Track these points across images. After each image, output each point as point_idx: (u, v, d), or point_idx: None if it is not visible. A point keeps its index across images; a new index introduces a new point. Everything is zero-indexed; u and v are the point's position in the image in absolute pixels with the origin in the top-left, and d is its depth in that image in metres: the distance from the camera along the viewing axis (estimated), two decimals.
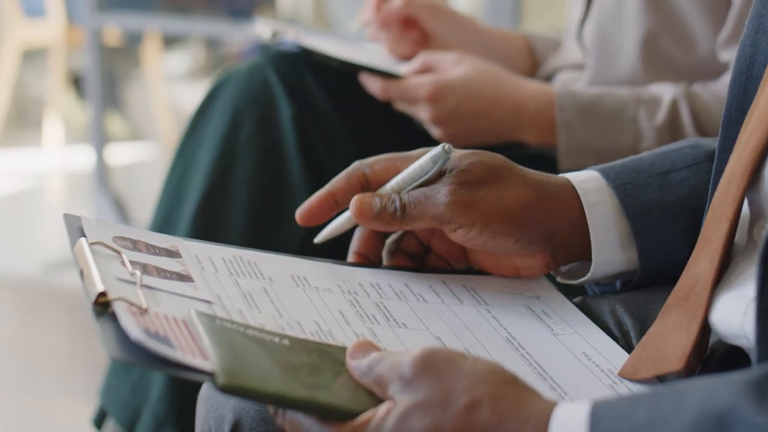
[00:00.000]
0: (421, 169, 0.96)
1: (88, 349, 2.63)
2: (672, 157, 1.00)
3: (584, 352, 0.91)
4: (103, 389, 1.57)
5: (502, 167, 0.97)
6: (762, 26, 0.89)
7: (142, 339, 0.73)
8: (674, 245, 0.96)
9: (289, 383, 0.75)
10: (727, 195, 0.84)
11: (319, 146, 1.49)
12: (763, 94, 0.84)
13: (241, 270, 0.93)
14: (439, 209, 0.95)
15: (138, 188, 3.92)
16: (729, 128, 0.90)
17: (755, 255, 0.84)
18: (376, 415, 0.73)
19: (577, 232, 0.97)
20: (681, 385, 0.69)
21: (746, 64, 0.89)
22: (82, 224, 0.91)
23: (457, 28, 1.60)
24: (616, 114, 1.41)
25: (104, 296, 0.78)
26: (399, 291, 0.96)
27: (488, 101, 1.43)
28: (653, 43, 1.45)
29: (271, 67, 1.51)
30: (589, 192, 0.97)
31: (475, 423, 0.71)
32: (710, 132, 1.39)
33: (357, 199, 0.97)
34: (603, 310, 0.97)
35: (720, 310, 0.85)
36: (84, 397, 2.33)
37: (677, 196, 0.98)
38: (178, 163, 1.58)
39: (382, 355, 0.77)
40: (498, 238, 0.96)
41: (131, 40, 4.79)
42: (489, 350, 0.89)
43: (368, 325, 0.89)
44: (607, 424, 0.68)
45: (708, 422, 0.64)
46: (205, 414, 0.91)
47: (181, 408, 1.46)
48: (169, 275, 0.87)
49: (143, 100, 5.10)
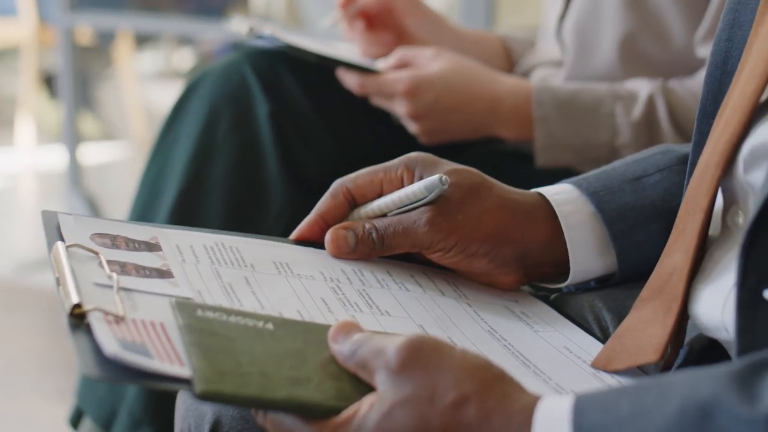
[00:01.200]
0: (414, 195, 0.95)
1: (62, 349, 2.61)
2: (643, 164, 1.01)
3: (565, 346, 0.91)
4: (80, 388, 1.56)
5: (481, 186, 0.97)
6: (737, 21, 0.89)
7: (118, 352, 0.72)
8: (651, 247, 0.97)
9: (268, 383, 0.74)
10: (701, 186, 0.85)
11: (296, 143, 1.48)
12: (737, 86, 0.85)
13: (223, 258, 0.92)
14: (419, 238, 0.95)
15: (111, 188, 3.90)
16: (704, 122, 0.90)
17: (730, 243, 0.85)
18: (360, 411, 0.72)
19: (551, 252, 0.98)
20: (664, 378, 0.69)
21: (721, 59, 0.89)
22: (59, 222, 0.90)
23: (433, 26, 1.60)
24: (593, 110, 1.42)
25: (79, 308, 0.77)
26: (381, 279, 0.96)
27: (465, 96, 1.43)
28: (631, 42, 1.46)
29: (247, 64, 1.51)
30: (563, 203, 0.98)
31: (461, 419, 0.70)
32: (686, 127, 1.39)
33: (332, 236, 0.97)
34: (582, 306, 0.98)
35: (700, 302, 0.85)
36: (59, 397, 2.32)
37: (652, 199, 0.98)
38: (155, 160, 1.57)
39: (364, 337, 0.76)
40: (472, 258, 0.96)
41: (103, 39, 4.77)
42: (472, 340, 0.89)
43: (351, 312, 0.88)
44: (591, 417, 0.68)
45: (691, 414, 0.64)
46: (185, 413, 0.90)
47: (158, 406, 1.45)
48: (149, 272, 0.86)
49: (115, 99, 5.08)
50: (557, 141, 1.42)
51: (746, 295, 0.74)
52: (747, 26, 0.88)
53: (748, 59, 0.84)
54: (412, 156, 0.98)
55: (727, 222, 0.86)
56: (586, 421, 0.68)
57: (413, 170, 0.97)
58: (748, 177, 0.82)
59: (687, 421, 0.64)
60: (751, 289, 0.73)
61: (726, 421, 0.63)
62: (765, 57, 0.81)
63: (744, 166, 0.82)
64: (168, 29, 4.24)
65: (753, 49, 0.84)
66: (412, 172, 0.97)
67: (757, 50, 0.83)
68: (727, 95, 0.86)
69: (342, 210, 0.99)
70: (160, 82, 5.71)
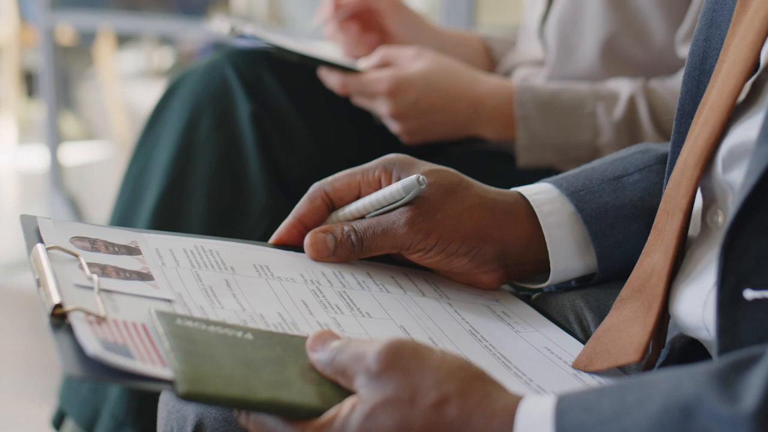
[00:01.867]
0: (391, 196, 0.95)
1: (44, 350, 2.61)
2: (623, 163, 1.01)
3: (546, 347, 0.91)
4: (62, 389, 1.55)
5: (459, 186, 0.97)
6: (714, 21, 0.89)
7: (99, 353, 0.71)
8: (631, 246, 0.97)
9: (250, 385, 0.74)
10: (680, 186, 0.85)
11: (277, 143, 1.48)
12: (714, 86, 0.85)
13: (203, 261, 0.92)
14: (398, 239, 0.95)
15: (92, 188, 3.89)
16: (682, 122, 0.90)
17: (710, 242, 0.85)
18: (341, 412, 0.72)
19: (531, 251, 0.98)
20: (646, 377, 0.69)
21: (699, 59, 0.90)
22: (39, 226, 0.90)
23: (415, 27, 1.60)
24: (575, 109, 1.42)
25: (60, 308, 0.76)
26: (362, 281, 0.95)
27: (447, 96, 1.43)
28: (613, 42, 1.46)
29: (229, 64, 1.51)
30: (543, 202, 0.98)
31: (443, 420, 0.70)
32: (667, 127, 1.40)
33: (311, 239, 0.96)
34: (563, 306, 0.98)
35: (681, 301, 0.85)
36: (40, 398, 2.31)
37: (631, 199, 0.99)
38: (136, 160, 1.57)
39: (342, 344, 0.76)
40: (452, 258, 0.97)
41: (84, 39, 4.76)
42: (453, 340, 0.89)
43: (332, 314, 0.88)
44: (573, 417, 0.68)
45: (672, 413, 0.65)
46: (167, 415, 0.90)
47: (141, 407, 1.45)
48: (129, 275, 0.86)
49: (96, 99, 5.07)
50: (539, 141, 1.43)
51: (726, 296, 0.74)
52: (724, 26, 0.88)
53: (725, 59, 0.84)
54: (389, 157, 0.98)
55: (707, 221, 0.86)
56: (568, 421, 0.68)
57: (390, 171, 0.97)
58: (726, 176, 0.82)
59: (669, 420, 0.64)
60: (732, 290, 0.73)
61: (708, 421, 0.63)
62: (742, 57, 0.81)
63: (723, 166, 0.82)
64: (149, 29, 4.23)
65: (730, 49, 0.84)
66: (389, 173, 0.97)
67: (734, 50, 0.83)
68: (705, 95, 0.86)
69: (320, 213, 0.98)
70: (141, 81, 5.70)
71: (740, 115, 0.82)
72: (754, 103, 0.81)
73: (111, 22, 3.81)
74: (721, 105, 0.81)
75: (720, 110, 0.81)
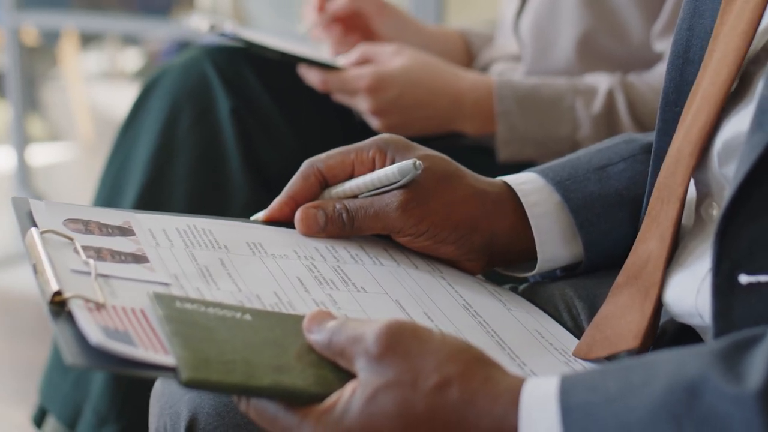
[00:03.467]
0: (386, 178, 0.95)
1: (19, 351, 2.59)
2: (608, 153, 1.03)
3: (537, 330, 0.92)
4: (43, 386, 1.55)
5: (453, 175, 0.97)
6: (698, 10, 0.91)
7: (102, 341, 0.71)
8: (617, 235, 0.99)
9: (252, 370, 0.74)
10: (675, 175, 0.86)
11: (258, 139, 1.49)
12: (706, 74, 0.86)
13: (197, 240, 0.91)
14: (390, 221, 0.95)
15: (59, 189, 3.87)
16: (666, 110, 0.92)
17: (704, 234, 0.86)
18: (342, 397, 0.73)
19: (517, 241, 0.99)
20: (649, 358, 0.70)
21: (683, 48, 0.91)
22: (31, 208, 0.89)
23: (399, 25, 1.61)
24: (554, 104, 1.44)
25: (59, 295, 0.76)
26: (354, 254, 0.95)
27: (427, 92, 1.44)
28: (590, 38, 1.48)
29: (208, 60, 1.51)
30: (529, 193, 0.99)
31: (445, 402, 0.71)
32: (645, 120, 1.42)
33: (302, 214, 0.96)
34: (553, 295, 0.99)
35: (672, 288, 0.86)
36: (16, 400, 2.30)
37: (617, 188, 1.00)
38: (115, 157, 1.56)
39: (338, 325, 0.76)
40: (441, 244, 0.97)
41: (48, 39, 4.73)
42: (448, 316, 0.89)
43: (327, 291, 0.88)
44: (578, 396, 0.69)
45: (678, 392, 0.65)
46: (159, 411, 0.89)
47: (124, 403, 1.45)
48: (124, 258, 0.85)
49: (61, 100, 5.03)
50: (519, 135, 1.44)
51: (722, 281, 0.75)
52: (708, 15, 0.89)
53: (715, 48, 0.86)
54: (384, 137, 0.97)
55: (701, 214, 0.87)
56: (573, 400, 0.68)
57: (385, 152, 0.96)
58: (723, 170, 0.83)
59: (674, 398, 0.65)
60: (727, 275, 0.75)
61: (713, 399, 0.64)
62: (733, 47, 0.83)
63: (719, 161, 0.83)
64: (116, 28, 4.21)
65: (720, 39, 0.85)
66: (384, 153, 0.96)
67: (724, 40, 0.84)
68: (696, 84, 0.87)
69: (313, 191, 0.98)
70: (105, 82, 5.67)
71: (732, 107, 0.83)
72: (746, 94, 0.83)
73: (76, 21, 3.80)
74: (715, 94, 0.83)
75: (714, 99, 0.83)
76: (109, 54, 5.87)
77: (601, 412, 0.67)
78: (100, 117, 4.80)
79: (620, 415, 0.67)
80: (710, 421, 0.64)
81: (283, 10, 4.21)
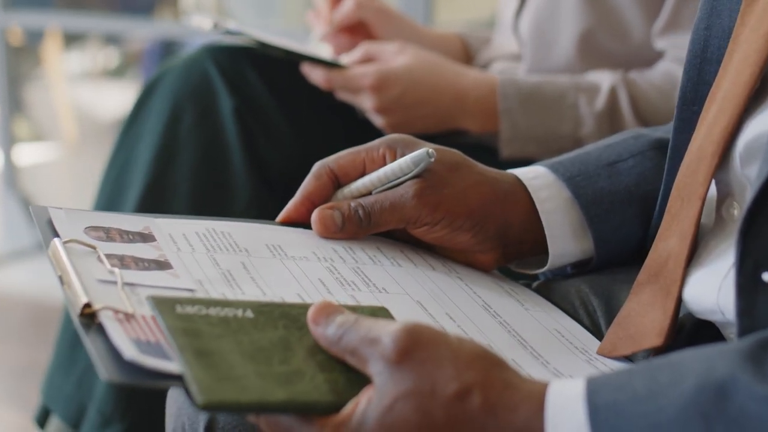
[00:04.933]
0: (400, 170, 0.96)
1: (10, 353, 2.58)
2: (617, 149, 1.03)
3: (556, 329, 0.93)
4: (46, 386, 1.55)
5: (462, 164, 0.98)
6: (715, 9, 0.91)
7: (136, 356, 0.71)
8: (627, 231, 0.99)
9: (265, 385, 0.72)
10: (696, 174, 0.87)
11: (260, 138, 1.49)
12: (726, 75, 0.87)
13: (217, 244, 0.91)
14: (406, 211, 0.96)
15: (45, 188, 3.86)
16: (684, 109, 0.92)
17: (724, 232, 0.87)
18: (359, 407, 0.71)
19: (529, 230, 1.00)
20: (674, 358, 0.70)
21: (700, 47, 0.92)
22: (51, 216, 0.89)
23: (400, 31, 1.62)
24: (557, 101, 1.44)
25: (89, 307, 0.76)
26: (372, 255, 0.96)
27: (431, 89, 1.45)
28: (590, 37, 1.49)
29: (209, 60, 1.51)
30: (540, 188, 1.00)
31: (466, 411, 0.70)
32: (648, 118, 1.43)
33: (318, 215, 0.96)
34: (568, 291, 1.00)
35: (692, 286, 0.87)
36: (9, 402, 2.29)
37: (626, 184, 1.00)
38: (117, 156, 1.56)
39: (348, 321, 0.74)
40: (457, 233, 0.97)
41: (32, 39, 4.71)
42: (469, 316, 0.89)
43: (350, 292, 0.88)
44: (605, 396, 0.68)
45: (708, 392, 0.66)
46: (177, 412, 0.89)
47: (128, 402, 1.45)
48: (148, 264, 0.85)
49: (44, 99, 5.02)
50: (522, 133, 1.45)
51: (745, 279, 0.75)
52: (725, 15, 0.90)
53: (735, 49, 0.86)
54: (392, 137, 0.98)
55: (722, 213, 0.88)
56: (600, 400, 0.68)
57: (395, 149, 0.97)
58: (745, 171, 0.84)
59: (704, 399, 0.65)
60: (750, 273, 0.75)
61: (743, 399, 0.65)
62: (756, 48, 0.83)
63: (741, 161, 0.84)
64: (101, 28, 4.20)
65: (740, 40, 0.86)
66: (393, 151, 0.97)
67: (746, 41, 0.85)
68: (715, 84, 0.88)
69: (327, 190, 0.98)
70: (87, 82, 5.65)
71: (754, 108, 0.84)
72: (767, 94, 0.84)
73: (62, 21, 3.79)
74: (737, 95, 0.83)
75: (736, 100, 0.83)
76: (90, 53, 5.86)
77: (630, 411, 0.67)
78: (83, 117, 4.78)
79: (649, 415, 0.66)
80: (740, 421, 0.65)
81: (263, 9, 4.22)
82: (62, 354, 1.54)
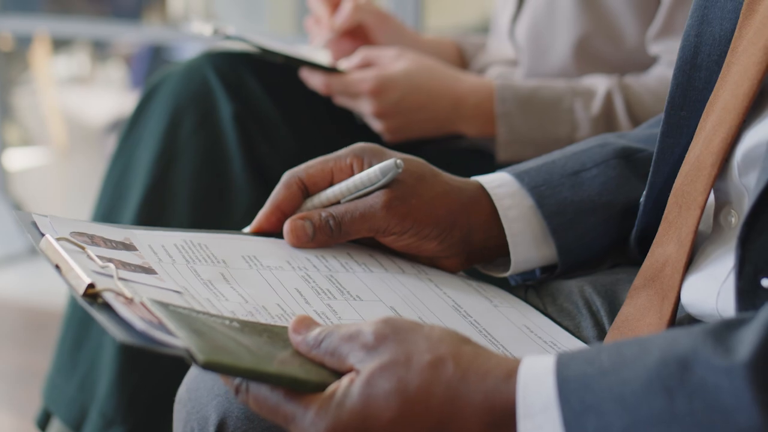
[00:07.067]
0: (369, 179, 0.98)
1: (3, 357, 2.59)
2: (582, 158, 1.06)
3: (525, 324, 0.95)
4: (47, 388, 1.55)
5: (428, 174, 1.01)
6: (706, 17, 0.93)
7: (146, 329, 0.73)
8: (589, 239, 1.03)
9: (259, 360, 0.75)
10: (696, 183, 0.89)
11: (260, 143, 1.50)
12: (725, 86, 0.89)
13: (195, 255, 0.93)
14: (376, 221, 0.98)
15: (34, 194, 3.86)
16: (672, 114, 0.95)
17: (722, 239, 0.89)
18: (342, 385, 0.74)
19: (493, 236, 1.03)
20: (642, 337, 0.73)
21: (690, 53, 0.94)
22: (36, 221, 0.90)
23: (398, 36, 1.64)
24: (553, 105, 1.46)
25: (93, 287, 0.78)
26: (345, 262, 0.98)
27: (429, 94, 1.47)
28: (586, 43, 1.51)
29: (209, 65, 1.52)
30: (503, 196, 1.03)
31: (439, 378, 0.73)
32: (642, 121, 1.44)
33: (290, 226, 0.99)
34: (572, 291, 1.02)
35: (690, 291, 0.89)
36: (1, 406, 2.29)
37: (589, 194, 1.03)
38: (117, 161, 1.57)
39: (328, 329, 0.78)
40: (423, 241, 1.00)
41: (20, 44, 4.72)
42: (441, 318, 0.92)
43: (326, 301, 0.90)
44: (574, 368, 0.71)
45: (670, 365, 0.68)
46: (186, 416, 0.90)
47: (130, 404, 1.46)
48: (134, 268, 0.87)
49: (32, 104, 5.02)
50: (518, 136, 1.47)
51: (745, 284, 0.78)
52: (716, 23, 0.92)
53: (733, 60, 0.88)
54: (359, 145, 1.01)
55: (720, 221, 0.90)
56: (570, 372, 0.71)
57: (362, 158, 0.99)
58: (743, 179, 0.86)
59: (666, 371, 0.68)
60: (750, 279, 0.77)
61: (703, 371, 0.67)
62: (755, 61, 0.85)
63: (739, 171, 0.86)
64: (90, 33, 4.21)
65: (739, 51, 0.88)
66: (361, 160, 0.99)
67: (744, 53, 0.87)
68: (713, 94, 0.90)
69: (296, 199, 1.01)
70: (74, 87, 5.65)
71: (752, 118, 0.86)
72: (765, 105, 0.85)
73: (50, 26, 3.79)
74: (737, 106, 0.85)
75: (736, 111, 0.85)
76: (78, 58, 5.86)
77: (597, 383, 0.69)
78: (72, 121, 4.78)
79: (614, 387, 0.69)
80: (701, 392, 0.66)
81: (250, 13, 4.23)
82: (63, 356, 1.55)
